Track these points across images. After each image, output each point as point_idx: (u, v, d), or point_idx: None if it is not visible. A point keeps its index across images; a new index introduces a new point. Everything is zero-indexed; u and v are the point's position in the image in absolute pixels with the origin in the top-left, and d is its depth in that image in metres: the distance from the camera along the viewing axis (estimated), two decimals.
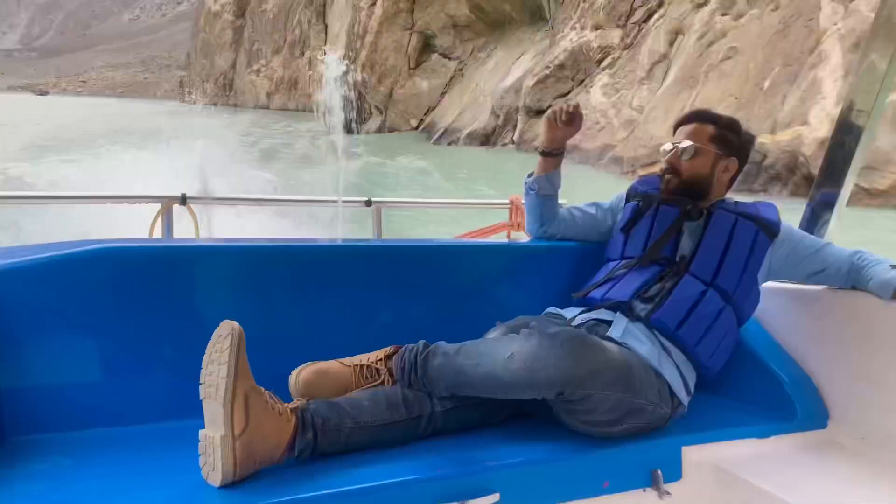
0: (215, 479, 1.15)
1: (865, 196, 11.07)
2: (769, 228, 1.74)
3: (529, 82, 23.40)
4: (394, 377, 1.47)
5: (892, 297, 1.57)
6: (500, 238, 3.36)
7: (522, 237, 2.33)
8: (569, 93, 21.67)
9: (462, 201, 5.83)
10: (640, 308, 1.64)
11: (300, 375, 1.43)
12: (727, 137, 1.80)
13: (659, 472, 1.44)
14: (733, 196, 1.89)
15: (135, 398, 1.45)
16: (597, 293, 1.74)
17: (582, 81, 21.93)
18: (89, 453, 1.29)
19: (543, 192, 1.94)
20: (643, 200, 1.87)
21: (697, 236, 1.73)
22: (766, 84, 14.94)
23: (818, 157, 12.34)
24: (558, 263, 1.95)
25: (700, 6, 18.66)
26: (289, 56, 55.94)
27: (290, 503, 1.13)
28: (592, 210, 2.00)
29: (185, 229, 2.75)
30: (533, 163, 1.96)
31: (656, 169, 1.89)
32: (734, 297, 1.68)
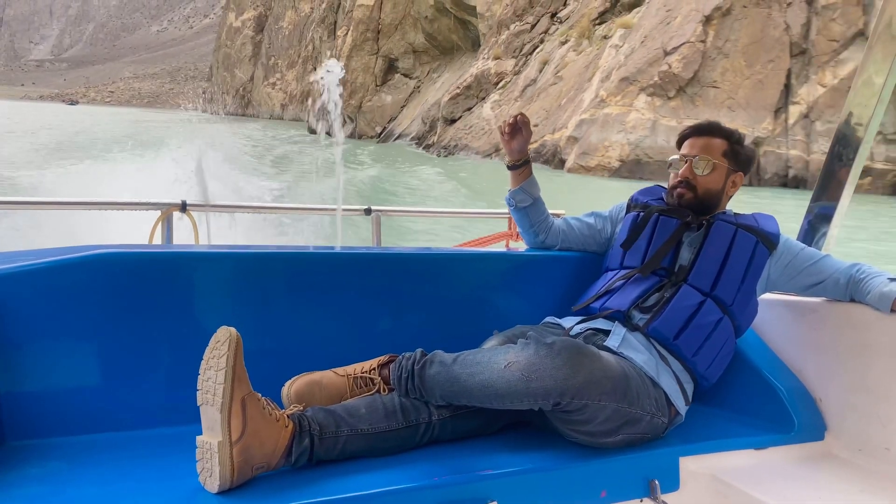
0: (212, 485, 1.11)
1: (582, 169, 18.58)
2: (768, 240, 1.68)
3: (446, 98, 29.39)
4: (388, 386, 1.41)
5: (890, 310, 1.51)
6: (498, 247, 3.23)
7: (521, 247, 2.26)
8: (473, 107, 28.14)
9: (461, 211, 5.66)
10: (639, 318, 1.58)
11: (293, 387, 1.38)
12: (738, 151, 1.74)
13: (656, 481, 1.39)
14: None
15: (133, 403, 1.40)
16: (595, 303, 1.68)
17: (483, 98, 27.82)
18: (87, 458, 1.24)
19: (522, 204, 1.88)
20: (644, 211, 1.80)
21: (697, 247, 1.67)
22: (563, 102, 21.71)
23: (566, 146, 16.33)
24: (556, 273, 1.89)
25: (563, 43, 25.16)
26: (302, 71, 57.31)
27: None
28: (591, 220, 1.93)
29: (185, 237, 2.63)
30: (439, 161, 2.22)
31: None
32: (732, 308, 1.62)
